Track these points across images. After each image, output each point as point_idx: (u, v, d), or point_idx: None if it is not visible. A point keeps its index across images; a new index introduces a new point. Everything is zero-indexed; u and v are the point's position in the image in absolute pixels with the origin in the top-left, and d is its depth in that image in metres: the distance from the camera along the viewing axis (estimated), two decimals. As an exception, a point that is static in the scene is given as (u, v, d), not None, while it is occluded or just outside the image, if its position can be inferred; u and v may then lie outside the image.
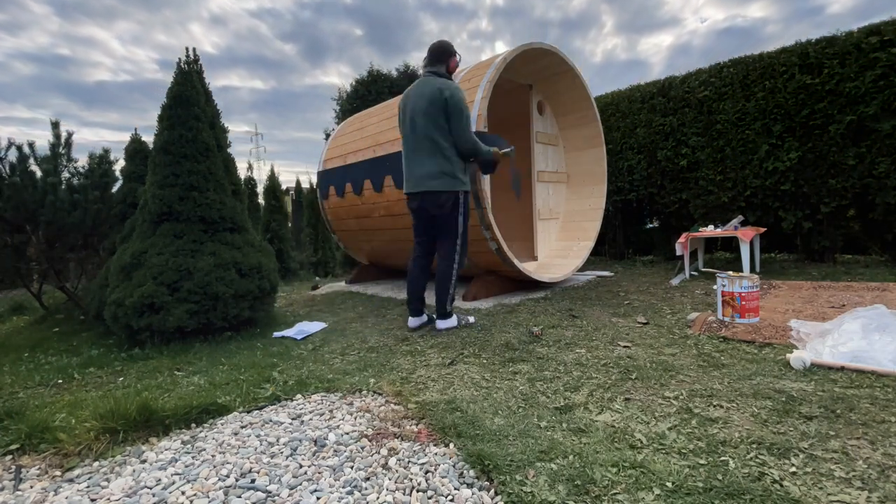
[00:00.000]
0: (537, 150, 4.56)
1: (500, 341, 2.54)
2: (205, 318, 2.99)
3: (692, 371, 1.95)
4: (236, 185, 3.66)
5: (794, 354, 1.92)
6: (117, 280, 3.06)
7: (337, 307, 4.06)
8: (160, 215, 3.11)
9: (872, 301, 2.77)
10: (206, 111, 3.42)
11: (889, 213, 4.07)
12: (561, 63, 4.19)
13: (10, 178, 3.93)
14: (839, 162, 4.23)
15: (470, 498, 1.19)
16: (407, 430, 1.57)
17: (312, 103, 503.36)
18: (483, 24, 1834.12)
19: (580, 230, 4.72)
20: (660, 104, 5.45)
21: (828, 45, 4.24)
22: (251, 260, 3.24)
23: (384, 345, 2.68)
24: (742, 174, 4.79)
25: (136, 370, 2.51)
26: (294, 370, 2.31)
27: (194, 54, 3.77)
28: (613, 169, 5.82)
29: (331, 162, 5.21)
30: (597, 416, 1.60)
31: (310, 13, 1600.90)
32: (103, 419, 1.62)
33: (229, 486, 1.29)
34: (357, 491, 1.25)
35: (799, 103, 4.39)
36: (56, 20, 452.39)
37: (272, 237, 6.76)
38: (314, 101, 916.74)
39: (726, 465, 1.25)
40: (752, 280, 2.56)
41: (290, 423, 1.69)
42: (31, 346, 3.31)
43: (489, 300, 3.72)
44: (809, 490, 1.13)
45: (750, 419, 1.50)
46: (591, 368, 2.06)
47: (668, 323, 2.75)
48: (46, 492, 1.32)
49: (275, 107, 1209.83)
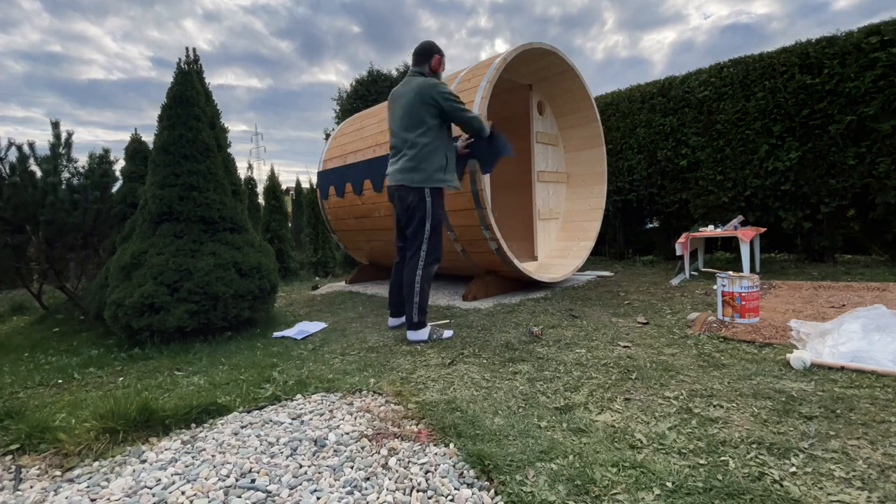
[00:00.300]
0: (537, 150, 4.56)
1: (500, 341, 2.54)
2: (205, 318, 2.98)
3: (692, 371, 1.95)
4: (236, 185, 3.66)
5: (794, 354, 1.92)
6: (117, 280, 3.06)
7: (337, 307, 4.06)
8: (160, 215, 3.11)
9: (872, 301, 2.77)
10: (206, 111, 3.42)
11: (889, 213, 4.07)
12: (561, 63, 4.19)
13: (10, 178, 3.93)
14: (839, 162, 4.23)
15: (470, 498, 1.18)
16: (407, 430, 1.57)
17: (310, 101, 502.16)
18: (482, 20, 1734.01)
19: (580, 230, 4.72)
20: (660, 104, 5.45)
21: (828, 45, 4.24)
22: (251, 260, 3.24)
23: (384, 345, 2.68)
24: (742, 174, 4.79)
25: (136, 370, 2.51)
26: (294, 370, 2.31)
27: (194, 54, 3.77)
28: (613, 169, 5.82)
29: (331, 162, 5.21)
30: (597, 416, 1.60)
31: (305, 9, 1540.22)
32: (103, 419, 1.62)
33: (229, 486, 1.29)
34: (357, 491, 1.25)
35: (799, 103, 4.40)
36: (47, 16, 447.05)
37: (272, 237, 6.76)
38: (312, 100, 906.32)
39: (726, 465, 1.25)
40: (752, 280, 2.56)
41: (290, 423, 1.69)
42: (31, 346, 3.31)
43: (489, 300, 3.72)
44: (809, 490, 1.13)
45: (750, 419, 1.50)
46: (591, 368, 2.06)
47: (668, 323, 2.75)
48: (46, 492, 1.32)
49: (272, 105, 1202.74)
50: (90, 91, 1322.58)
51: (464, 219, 3.59)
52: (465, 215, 3.56)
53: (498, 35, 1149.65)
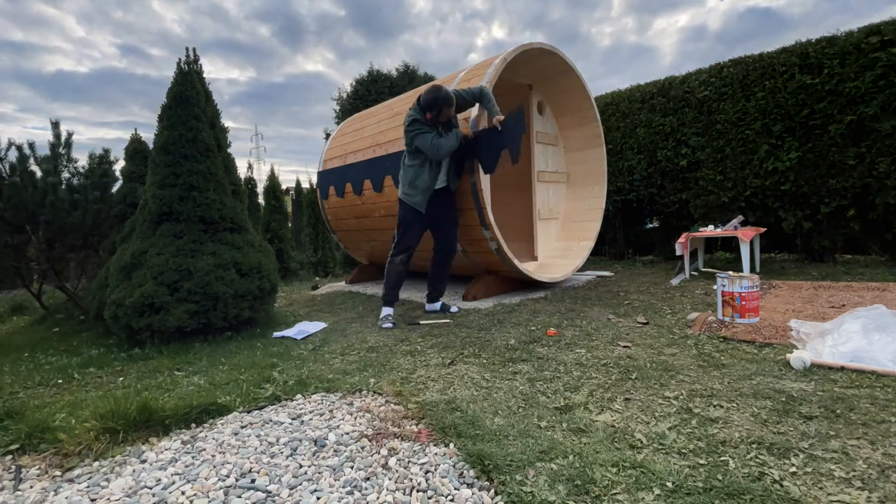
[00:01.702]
0: (537, 150, 4.56)
1: (500, 341, 2.54)
2: (205, 318, 2.98)
3: (692, 371, 1.95)
4: (236, 185, 3.66)
5: (794, 354, 1.92)
6: (117, 280, 3.06)
7: (337, 307, 4.06)
8: (160, 215, 3.11)
9: (872, 301, 2.77)
10: (206, 111, 3.42)
11: (889, 213, 4.07)
12: (561, 63, 4.19)
13: (10, 178, 3.93)
14: (839, 162, 4.23)
15: (470, 498, 1.18)
16: (407, 430, 1.57)
17: (298, 95, 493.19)
18: (478, 1, 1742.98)
19: (580, 230, 4.72)
20: (660, 104, 5.45)
21: (828, 45, 4.24)
22: (251, 260, 3.24)
23: (384, 345, 2.68)
24: (742, 174, 4.79)
25: (136, 370, 2.51)
26: (294, 370, 2.31)
27: (195, 54, 3.77)
28: (613, 169, 5.81)
29: (331, 162, 5.21)
30: (597, 416, 1.60)
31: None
32: (103, 419, 1.62)
33: (229, 486, 1.29)
34: (357, 491, 1.25)
35: (799, 103, 4.39)
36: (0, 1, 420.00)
37: (272, 237, 6.76)
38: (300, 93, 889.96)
39: (726, 465, 1.25)
40: (752, 280, 2.56)
41: (290, 423, 1.69)
42: (31, 346, 3.31)
43: (489, 300, 3.72)
44: (809, 490, 1.13)
45: (750, 419, 1.50)
46: (591, 368, 2.06)
47: (668, 323, 2.75)
48: (46, 492, 1.32)
49: (258, 100, 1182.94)
50: (61, 83, 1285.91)
51: (464, 219, 3.59)
52: (465, 215, 3.56)
53: (495, 18, 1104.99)
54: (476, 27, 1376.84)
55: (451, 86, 3.87)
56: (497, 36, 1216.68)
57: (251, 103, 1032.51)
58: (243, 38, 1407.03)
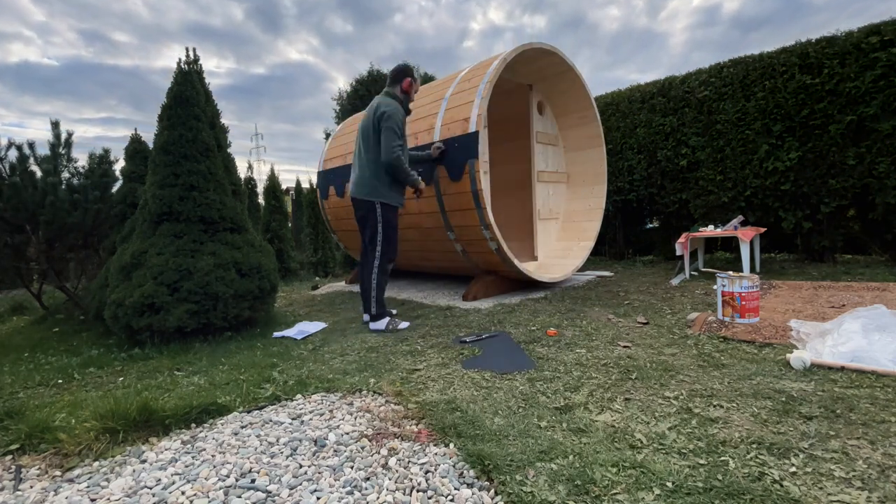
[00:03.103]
0: (537, 150, 4.56)
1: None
2: (205, 318, 2.98)
3: (692, 371, 1.95)
4: (236, 185, 3.66)
5: (794, 354, 1.92)
6: (117, 280, 3.06)
7: (337, 307, 4.06)
8: (160, 215, 3.11)
9: (872, 301, 2.77)
10: (206, 111, 3.42)
11: (889, 213, 4.07)
12: (561, 63, 4.19)
13: (10, 178, 3.93)
14: (839, 162, 4.23)
15: (470, 498, 1.18)
16: (407, 430, 1.57)
17: (284, 87, 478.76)
18: None
19: (580, 230, 4.72)
20: (660, 104, 5.45)
21: (828, 45, 4.24)
22: (251, 260, 3.24)
23: (384, 345, 2.68)
24: (742, 174, 4.79)
25: (136, 370, 2.51)
26: (294, 370, 2.31)
27: (195, 54, 3.77)
28: (613, 169, 5.81)
29: (331, 162, 5.21)
30: (597, 416, 1.60)
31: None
32: (103, 419, 1.62)
33: (229, 486, 1.29)
34: (357, 491, 1.25)
35: (799, 103, 4.40)
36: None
37: (272, 237, 6.76)
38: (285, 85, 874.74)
39: (726, 465, 1.25)
40: (752, 280, 2.56)
41: (290, 423, 1.69)
42: (31, 346, 3.31)
43: (489, 300, 3.72)
44: (809, 490, 1.13)
45: (750, 419, 1.50)
46: (591, 368, 2.06)
47: (668, 323, 2.75)
48: (46, 492, 1.32)
49: (242, 93, 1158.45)
50: (27, 74, 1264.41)
51: (463, 219, 3.59)
52: (465, 215, 3.56)
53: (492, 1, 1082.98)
54: (471, 10, 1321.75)
55: (451, 86, 3.87)
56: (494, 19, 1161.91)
57: (234, 97, 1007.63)
58: (216, 21, 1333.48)
